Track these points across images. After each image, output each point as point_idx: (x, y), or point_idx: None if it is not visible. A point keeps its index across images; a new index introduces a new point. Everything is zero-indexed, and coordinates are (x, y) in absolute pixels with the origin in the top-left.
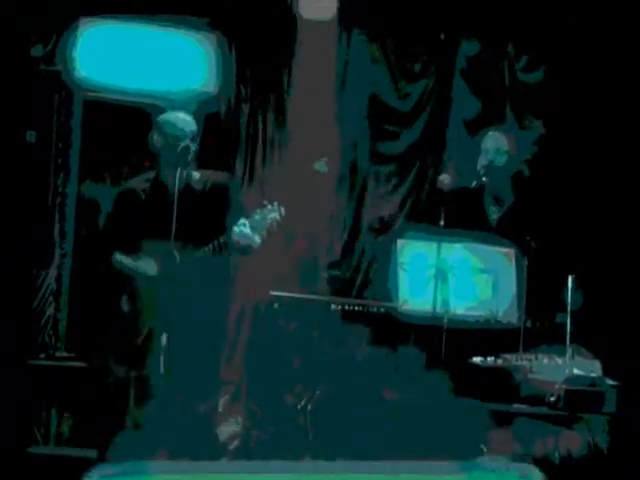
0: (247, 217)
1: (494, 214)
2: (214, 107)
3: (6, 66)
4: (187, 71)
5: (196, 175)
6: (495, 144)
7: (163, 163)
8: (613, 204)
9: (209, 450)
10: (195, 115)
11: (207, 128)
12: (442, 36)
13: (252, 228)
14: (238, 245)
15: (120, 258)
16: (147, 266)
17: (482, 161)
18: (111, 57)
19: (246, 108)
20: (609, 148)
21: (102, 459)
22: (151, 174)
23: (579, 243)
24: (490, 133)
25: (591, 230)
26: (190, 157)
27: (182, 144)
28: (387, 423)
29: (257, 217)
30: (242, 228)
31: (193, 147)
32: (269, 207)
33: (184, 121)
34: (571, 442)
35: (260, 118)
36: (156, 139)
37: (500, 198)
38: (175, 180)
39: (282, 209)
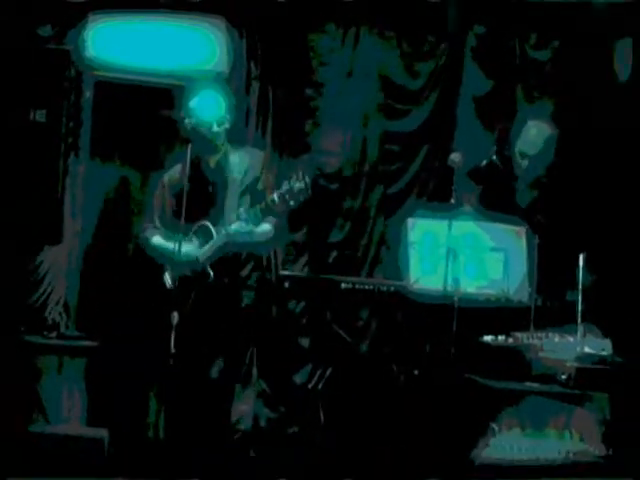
0: (276, 189)
1: (524, 200)
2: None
3: (15, 45)
4: (197, 50)
5: (235, 158)
6: (541, 135)
7: (197, 146)
8: (625, 182)
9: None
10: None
11: None
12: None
13: (280, 200)
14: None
15: (157, 242)
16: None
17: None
18: (121, 37)
19: (256, 86)
20: (621, 127)
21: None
22: (186, 158)
23: (590, 221)
24: (533, 123)
25: (602, 208)
26: (224, 137)
27: (215, 128)
28: (397, 402)
29: (284, 188)
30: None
31: (227, 126)
32: (294, 177)
33: (215, 103)
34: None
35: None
36: (187, 123)
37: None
38: (211, 162)
39: (307, 179)
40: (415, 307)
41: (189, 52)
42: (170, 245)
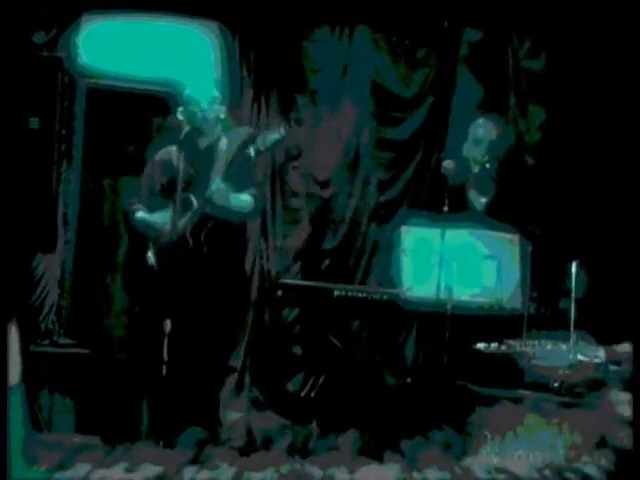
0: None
1: (480, 202)
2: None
3: (8, 52)
4: (190, 57)
5: (224, 140)
6: (488, 134)
7: (192, 133)
8: (617, 190)
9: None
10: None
11: None
12: (445, 24)
13: (256, 150)
14: None
15: (140, 216)
16: (163, 219)
17: (477, 150)
18: (114, 44)
19: (249, 93)
20: (613, 134)
21: (106, 445)
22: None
23: (583, 229)
24: (480, 121)
25: (595, 215)
26: (218, 122)
27: (205, 105)
28: (390, 409)
29: (259, 141)
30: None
31: (219, 113)
32: (269, 130)
33: (205, 86)
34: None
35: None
36: (181, 112)
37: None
38: (201, 145)
39: (282, 129)
40: (408, 315)
41: (181, 59)
42: (153, 218)
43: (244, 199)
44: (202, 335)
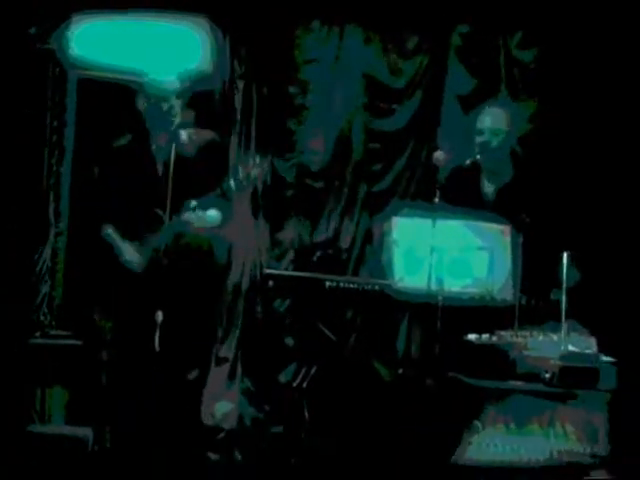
0: (233, 176)
1: (489, 192)
2: (208, 85)
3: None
4: (180, 50)
5: (183, 134)
6: (492, 122)
7: (150, 126)
8: (608, 180)
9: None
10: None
11: (201, 106)
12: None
13: (237, 187)
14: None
15: (110, 233)
16: (133, 254)
17: (478, 139)
18: (105, 36)
19: (241, 84)
20: (605, 125)
21: (98, 436)
22: (133, 137)
23: (574, 219)
24: (487, 109)
25: (586, 206)
26: (176, 117)
27: (166, 103)
28: (382, 401)
29: (241, 174)
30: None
31: (178, 105)
32: (251, 162)
33: (166, 80)
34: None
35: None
36: (140, 102)
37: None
38: (162, 141)
39: (265, 164)
40: (399, 306)
41: (172, 51)
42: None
43: (212, 215)
44: (188, 329)
